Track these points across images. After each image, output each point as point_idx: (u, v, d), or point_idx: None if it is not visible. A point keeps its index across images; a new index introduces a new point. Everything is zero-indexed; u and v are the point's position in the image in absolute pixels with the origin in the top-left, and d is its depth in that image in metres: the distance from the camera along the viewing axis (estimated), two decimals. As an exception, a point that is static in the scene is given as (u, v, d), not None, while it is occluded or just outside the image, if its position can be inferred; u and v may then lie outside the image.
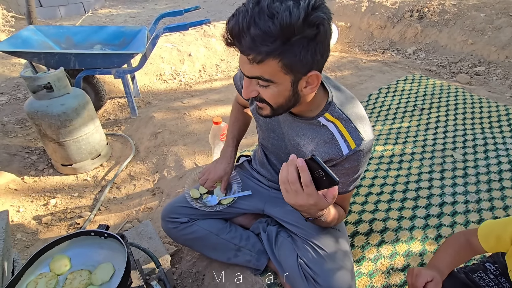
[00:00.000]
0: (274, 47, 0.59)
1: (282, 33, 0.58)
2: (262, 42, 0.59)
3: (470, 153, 1.71)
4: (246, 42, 0.60)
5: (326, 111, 0.78)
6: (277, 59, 0.61)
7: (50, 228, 1.44)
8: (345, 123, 0.77)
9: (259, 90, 0.69)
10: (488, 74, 2.77)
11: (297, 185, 0.59)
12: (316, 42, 0.61)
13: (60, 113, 1.59)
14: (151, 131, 2.09)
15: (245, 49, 0.61)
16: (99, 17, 5.25)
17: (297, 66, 0.63)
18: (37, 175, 1.75)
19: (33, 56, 1.86)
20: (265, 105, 0.72)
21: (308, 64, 0.64)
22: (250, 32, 0.58)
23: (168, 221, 1.09)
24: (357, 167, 0.80)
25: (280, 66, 0.62)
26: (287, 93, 0.68)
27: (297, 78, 0.66)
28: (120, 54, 1.95)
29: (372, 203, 1.41)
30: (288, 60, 0.61)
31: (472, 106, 2.12)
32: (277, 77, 0.65)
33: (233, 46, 0.63)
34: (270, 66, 0.62)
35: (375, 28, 3.77)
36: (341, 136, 0.77)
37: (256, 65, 0.62)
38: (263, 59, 0.61)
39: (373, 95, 2.33)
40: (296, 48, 0.60)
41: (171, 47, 3.28)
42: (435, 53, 3.23)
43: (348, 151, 0.77)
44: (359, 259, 1.16)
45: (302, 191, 0.60)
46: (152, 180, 1.73)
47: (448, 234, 1.26)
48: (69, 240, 0.83)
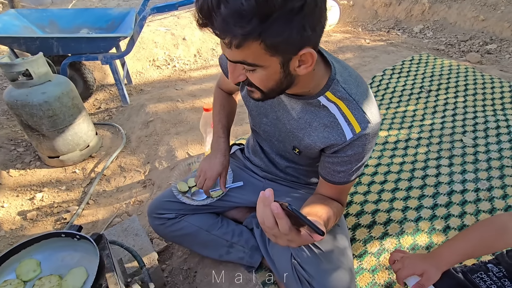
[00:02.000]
0: (250, 28, 0.49)
1: (259, 10, 0.47)
2: (236, 23, 0.48)
3: (481, 137, 1.59)
4: (218, 24, 0.49)
5: (327, 89, 0.67)
6: (257, 41, 0.51)
7: (35, 224, 1.38)
8: (349, 104, 0.67)
9: (246, 74, 0.60)
10: (500, 52, 2.60)
11: (275, 230, 0.51)
12: (303, 15, 0.50)
13: (42, 102, 1.49)
14: (143, 120, 2.00)
15: (219, 32, 0.51)
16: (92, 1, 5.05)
17: (283, 46, 0.53)
18: (24, 168, 1.68)
19: (12, 42, 1.74)
20: (255, 89, 0.63)
21: (296, 42, 0.53)
22: (220, 11, 0.48)
23: (154, 218, 1.01)
24: (361, 153, 0.70)
25: (263, 48, 0.52)
26: (278, 76, 0.58)
27: (287, 58, 0.56)
28: (106, 38, 1.83)
29: (375, 193, 1.32)
30: (270, 40, 0.51)
31: (483, 86, 1.99)
32: (263, 60, 0.55)
33: (206, 27, 0.52)
34: (251, 49, 0.52)
35: (379, 6, 3.56)
36: (344, 119, 0.68)
37: (235, 50, 0.52)
38: (241, 43, 0.51)
39: (377, 77, 2.20)
40: (279, 25, 0.49)
41: (164, 31, 3.13)
42: (443, 31, 3.04)
43: (352, 135, 0.67)
44: (360, 254, 1.08)
45: (283, 235, 0.51)
46: (143, 172, 1.65)
47: (457, 225, 1.17)
48: (38, 242, 0.75)
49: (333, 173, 0.75)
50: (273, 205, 0.50)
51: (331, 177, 0.76)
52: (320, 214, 0.66)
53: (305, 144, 0.75)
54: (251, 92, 0.65)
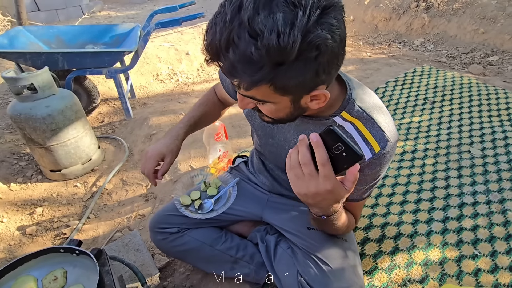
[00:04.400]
0: (260, 76, 0.47)
1: (269, 60, 0.45)
2: (245, 70, 0.46)
3: (489, 148, 1.56)
4: (226, 67, 0.48)
5: (343, 109, 0.65)
6: (267, 84, 0.49)
7: (34, 239, 1.34)
8: (366, 122, 0.64)
9: (256, 104, 0.58)
10: (503, 63, 2.60)
11: (311, 167, 0.48)
12: (318, 63, 0.48)
13: (45, 115, 1.49)
14: (146, 133, 1.99)
15: (226, 74, 0.49)
16: (98, 19, 5.19)
17: (294, 89, 0.51)
18: (25, 182, 1.66)
19: (18, 57, 1.77)
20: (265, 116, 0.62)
21: (309, 85, 0.52)
22: (229, 55, 0.45)
23: (156, 232, 0.97)
24: (378, 172, 0.68)
25: (272, 89, 0.50)
26: (288, 110, 0.58)
27: (298, 97, 0.55)
28: (110, 52, 1.85)
29: (384, 206, 1.28)
30: (281, 84, 0.49)
31: (488, 97, 1.97)
32: (273, 98, 0.53)
33: (215, 63, 0.50)
34: (260, 90, 0.51)
35: (379, 21, 3.62)
36: (362, 138, 0.64)
37: (243, 91, 0.51)
38: (250, 87, 0.49)
39: (380, 89, 2.19)
40: (291, 71, 0.47)
41: (168, 46, 3.18)
42: (444, 44, 3.07)
43: (371, 155, 0.64)
44: (371, 270, 1.03)
45: (317, 175, 0.48)
46: (145, 185, 1.63)
47: (470, 239, 1.12)
48: (35, 258, 0.72)
49: None
50: (312, 134, 0.47)
51: None
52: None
53: None
54: (262, 115, 0.63)
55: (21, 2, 2.35)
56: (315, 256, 0.80)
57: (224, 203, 0.95)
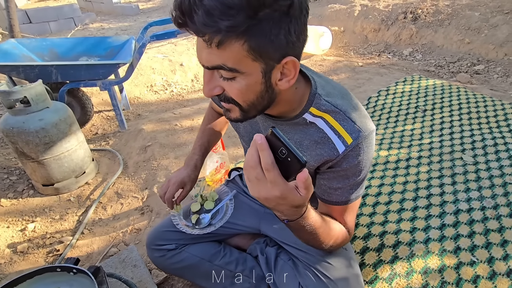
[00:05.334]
0: (237, 22, 0.45)
1: (248, 4, 0.44)
2: (221, 15, 0.45)
3: (480, 154, 1.60)
4: (199, 17, 0.45)
5: (311, 105, 0.64)
6: (241, 40, 0.47)
7: (26, 257, 1.30)
8: (335, 115, 0.64)
9: (224, 85, 0.54)
10: (488, 72, 2.69)
11: (258, 170, 0.45)
12: (290, 17, 0.48)
13: (39, 129, 1.47)
14: (141, 145, 1.97)
15: (199, 26, 0.46)
16: (90, 31, 5.19)
17: (268, 49, 0.49)
18: (16, 197, 1.62)
19: (11, 70, 1.75)
20: (233, 105, 0.57)
21: (281, 46, 0.50)
22: (203, 3, 0.44)
23: (154, 249, 0.95)
24: (357, 166, 0.65)
25: (246, 49, 0.48)
26: (259, 87, 0.54)
27: (269, 66, 0.52)
28: (105, 65, 1.85)
29: (381, 214, 1.29)
30: (255, 41, 0.48)
31: (477, 105, 2.03)
32: (244, 65, 0.50)
33: (185, 27, 0.48)
34: (233, 50, 0.48)
35: (369, 32, 3.72)
36: (334, 132, 0.64)
37: (215, 50, 0.48)
38: (224, 40, 0.47)
39: (372, 97, 2.24)
40: (266, 24, 0.47)
41: (162, 57, 3.20)
42: (432, 54, 3.16)
43: (344, 147, 0.63)
44: (371, 280, 1.03)
45: (265, 178, 0.46)
46: (141, 198, 1.60)
47: (467, 245, 1.13)
48: (30, 278, 0.70)
49: (330, 190, 0.69)
50: (256, 135, 0.45)
51: (328, 196, 0.70)
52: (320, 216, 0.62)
53: None
54: (228, 111, 0.60)
55: (14, 14, 2.34)
56: (315, 268, 0.79)
57: (222, 217, 0.94)
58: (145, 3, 7.58)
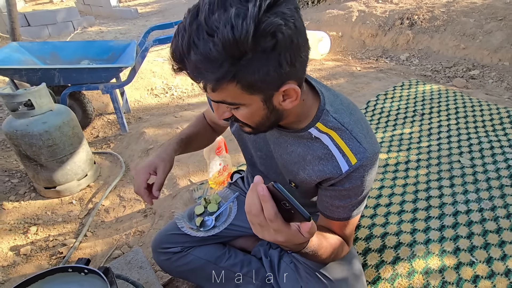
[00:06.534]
0: (222, 73, 0.47)
1: (227, 55, 0.45)
2: (207, 69, 0.47)
3: (477, 157, 1.63)
4: (190, 70, 0.49)
5: (317, 120, 0.64)
6: (233, 83, 0.49)
7: (29, 260, 1.30)
8: (342, 133, 0.64)
9: (231, 111, 0.58)
10: (483, 77, 2.75)
11: (261, 218, 0.46)
12: (277, 52, 0.47)
13: (42, 132, 1.47)
14: (142, 148, 1.98)
15: (191, 77, 0.50)
16: (89, 34, 5.20)
17: (261, 84, 0.50)
18: (17, 200, 1.61)
19: (13, 73, 1.76)
20: (243, 124, 0.60)
21: (275, 79, 0.51)
22: (191, 57, 0.47)
23: (160, 253, 0.96)
24: (360, 187, 0.65)
25: (239, 88, 0.50)
26: (262, 112, 0.56)
27: (268, 95, 0.54)
28: (108, 68, 1.87)
29: (382, 216, 1.31)
30: (246, 81, 0.49)
31: (473, 109, 2.07)
32: (242, 99, 0.53)
33: (182, 71, 0.51)
34: (228, 90, 0.50)
35: (367, 37, 3.78)
36: (339, 150, 0.64)
37: (212, 93, 0.51)
38: (216, 87, 0.49)
39: (371, 101, 2.27)
40: (253, 65, 0.48)
41: (162, 61, 3.21)
42: (428, 59, 3.22)
43: (348, 167, 0.63)
44: (374, 280, 1.05)
45: (268, 226, 0.47)
46: (143, 201, 1.61)
47: (466, 246, 1.16)
48: (42, 279, 0.71)
49: (332, 208, 0.70)
50: (259, 186, 0.45)
51: (330, 213, 0.71)
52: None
53: (300, 178, 0.71)
54: (242, 126, 0.62)
55: (15, 18, 2.35)
56: (316, 271, 0.80)
57: (225, 219, 0.96)
58: (144, 7, 7.61)
